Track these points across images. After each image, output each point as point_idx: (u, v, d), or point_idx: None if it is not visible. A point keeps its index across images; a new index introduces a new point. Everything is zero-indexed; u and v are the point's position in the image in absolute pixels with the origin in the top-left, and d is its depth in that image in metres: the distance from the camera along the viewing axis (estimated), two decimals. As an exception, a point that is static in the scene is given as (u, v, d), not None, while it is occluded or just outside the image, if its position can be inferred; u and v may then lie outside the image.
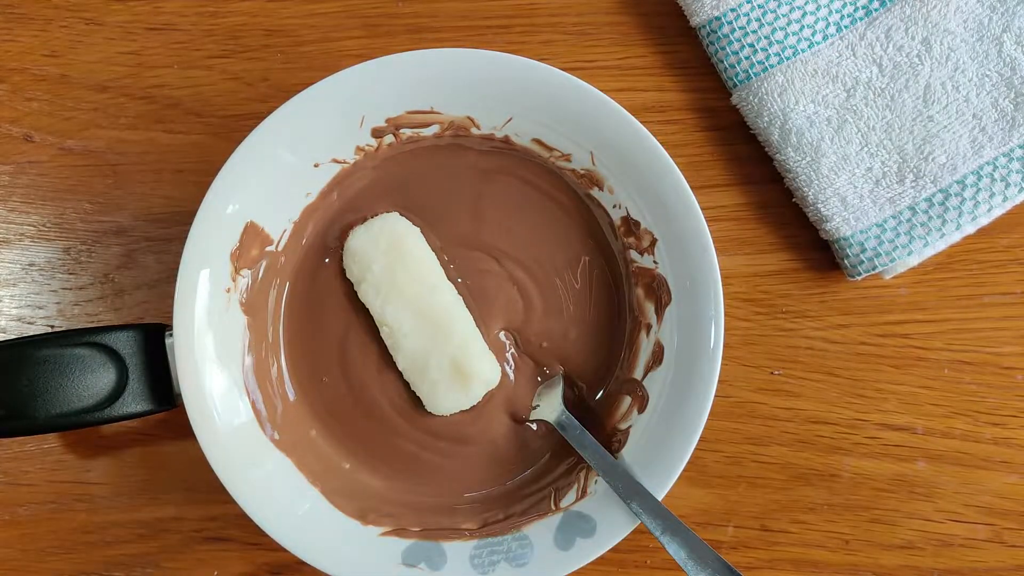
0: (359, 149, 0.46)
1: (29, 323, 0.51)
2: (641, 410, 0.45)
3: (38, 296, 0.51)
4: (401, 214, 0.47)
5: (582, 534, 0.44)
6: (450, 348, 0.46)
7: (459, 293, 0.47)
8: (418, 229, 0.47)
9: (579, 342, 0.48)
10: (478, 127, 0.46)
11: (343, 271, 0.47)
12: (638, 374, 0.46)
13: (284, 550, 0.43)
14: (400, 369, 0.46)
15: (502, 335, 0.48)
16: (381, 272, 0.46)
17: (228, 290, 0.45)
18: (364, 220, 0.47)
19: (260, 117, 0.50)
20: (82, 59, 0.52)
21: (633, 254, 0.46)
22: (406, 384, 0.47)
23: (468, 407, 0.46)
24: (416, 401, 0.47)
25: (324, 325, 0.47)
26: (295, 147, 0.45)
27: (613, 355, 0.48)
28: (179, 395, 0.44)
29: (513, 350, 0.48)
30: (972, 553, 0.49)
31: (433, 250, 0.47)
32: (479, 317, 0.47)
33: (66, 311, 0.51)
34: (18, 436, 0.47)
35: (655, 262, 0.45)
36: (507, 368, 0.47)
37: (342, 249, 0.47)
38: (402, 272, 0.46)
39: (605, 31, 0.52)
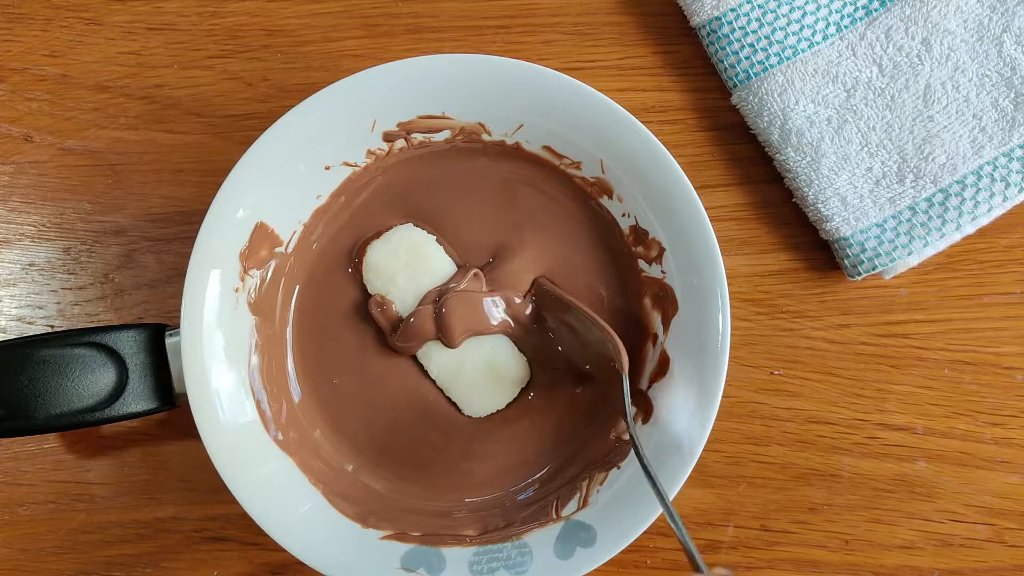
0: (370, 153, 0.46)
1: (29, 323, 0.51)
2: (645, 421, 0.45)
3: (38, 296, 0.51)
4: (415, 224, 0.47)
5: (582, 543, 0.44)
6: (483, 350, 0.46)
7: None
8: (433, 237, 0.47)
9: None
10: (489, 133, 0.46)
11: (359, 282, 0.47)
12: (643, 384, 0.46)
13: (284, 550, 0.43)
14: (433, 377, 0.47)
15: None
16: (406, 284, 0.46)
17: (236, 290, 0.45)
18: (378, 234, 0.47)
19: (260, 117, 0.51)
20: (82, 59, 0.52)
21: (641, 264, 0.46)
22: (433, 389, 0.47)
23: (504, 406, 0.47)
24: (441, 406, 0.47)
25: (338, 331, 0.47)
26: (306, 149, 0.45)
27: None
28: (179, 395, 0.44)
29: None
30: (972, 553, 0.49)
31: (448, 255, 0.47)
32: None
33: (66, 311, 0.51)
34: (18, 436, 0.47)
35: (663, 272, 0.45)
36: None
37: (360, 263, 0.47)
38: (427, 282, 0.46)
39: (605, 31, 0.52)
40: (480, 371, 0.46)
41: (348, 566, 0.43)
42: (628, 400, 0.42)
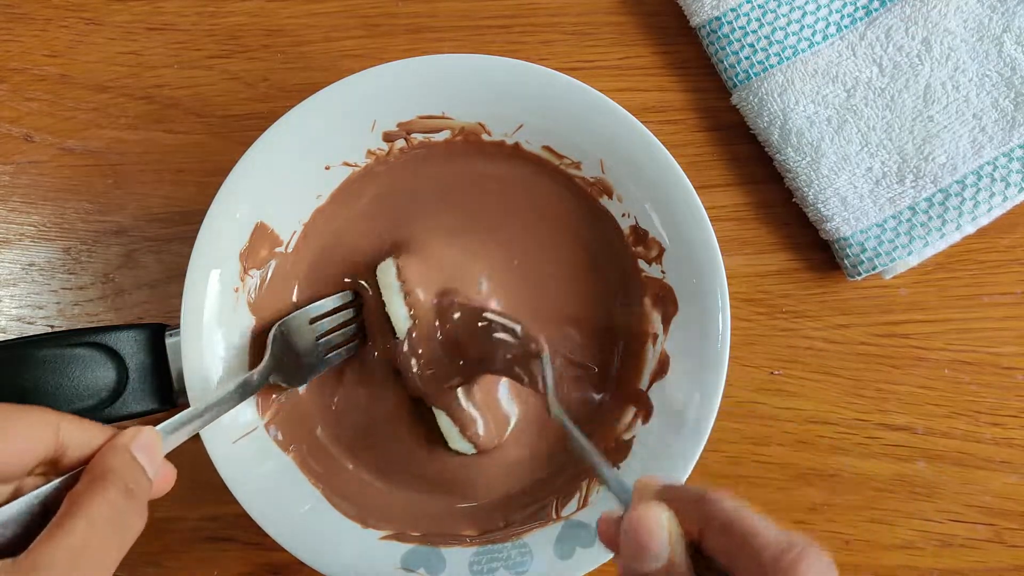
0: (370, 152, 0.46)
1: (29, 323, 0.51)
2: (645, 421, 0.45)
3: (38, 296, 0.51)
4: (395, 257, 0.46)
5: (582, 544, 0.44)
6: None
7: None
8: (399, 284, 0.45)
9: (586, 349, 0.48)
10: (489, 133, 0.46)
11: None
12: (643, 384, 0.46)
13: (284, 550, 0.43)
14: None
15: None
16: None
17: (236, 290, 0.45)
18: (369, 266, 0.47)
19: (260, 117, 0.51)
20: (82, 59, 0.52)
21: (641, 264, 0.46)
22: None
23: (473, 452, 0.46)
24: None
25: None
26: (306, 149, 0.45)
27: (619, 364, 0.48)
28: (179, 395, 0.44)
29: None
30: (972, 553, 0.49)
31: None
32: None
33: (66, 311, 0.51)
34: (18, 436, 0.47)
35: (663, 272, 0.45)
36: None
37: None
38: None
39: (605, 31, 0.52)
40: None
41: (348, 566, 0.43)
42: (551, 380, 0.42)
